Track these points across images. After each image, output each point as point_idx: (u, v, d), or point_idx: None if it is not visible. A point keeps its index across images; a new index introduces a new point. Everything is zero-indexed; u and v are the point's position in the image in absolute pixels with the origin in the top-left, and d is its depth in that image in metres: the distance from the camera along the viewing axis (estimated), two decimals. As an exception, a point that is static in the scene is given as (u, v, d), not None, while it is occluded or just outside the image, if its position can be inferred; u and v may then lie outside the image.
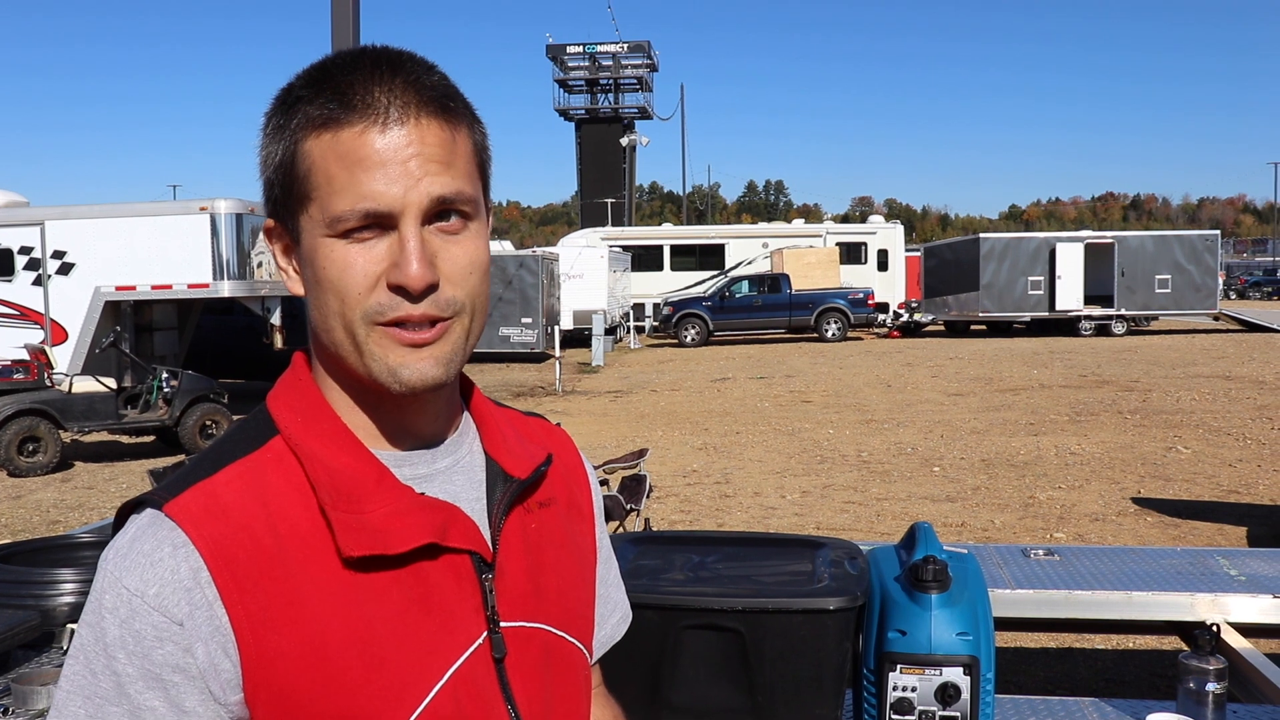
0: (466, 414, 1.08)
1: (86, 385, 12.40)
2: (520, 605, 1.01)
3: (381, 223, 0.91)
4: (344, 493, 0.93)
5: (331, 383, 0.99)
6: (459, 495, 1.01)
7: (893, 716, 1.91)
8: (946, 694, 1.88)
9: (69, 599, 2.59)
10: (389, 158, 0.90)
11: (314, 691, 0.89)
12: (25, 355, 12.97)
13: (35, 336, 14.73)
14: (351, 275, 0.91)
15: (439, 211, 0.92)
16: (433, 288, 0.91)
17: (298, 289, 0.98)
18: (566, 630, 1.06)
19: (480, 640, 0.97)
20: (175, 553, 0.88)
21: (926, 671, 1.89)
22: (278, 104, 0.95)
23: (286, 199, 0.95)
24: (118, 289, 14.71)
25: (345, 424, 0.98)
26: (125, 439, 13.64)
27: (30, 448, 11.73)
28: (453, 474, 1.02)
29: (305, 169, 0.92)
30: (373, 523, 0.92)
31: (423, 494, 0.97)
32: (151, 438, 13.29)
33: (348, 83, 0.91)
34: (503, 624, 0.99)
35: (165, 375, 12.70)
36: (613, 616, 1.23)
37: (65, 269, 14.90)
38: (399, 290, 0.91)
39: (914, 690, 1.90)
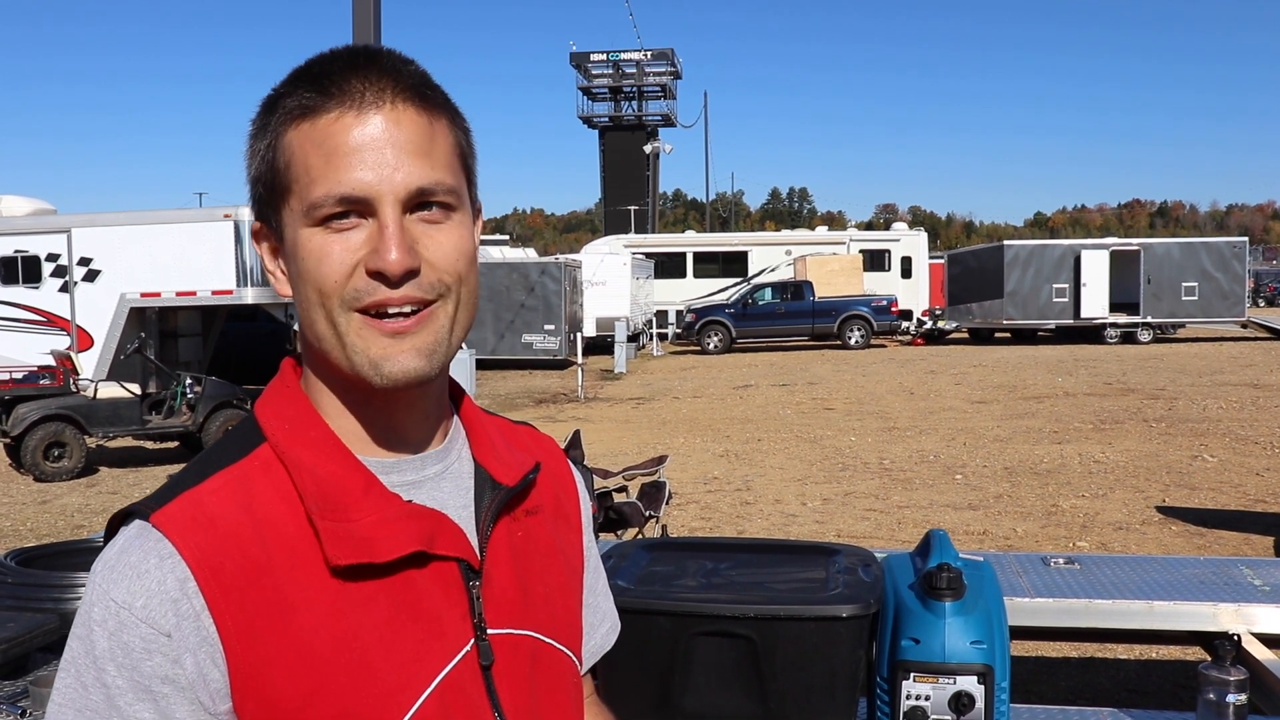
0: (456, 420, 1.07)
1: (111, 391, 12.50)
2: (507, 612, 1.00)
3: (360, 210, 0.90)
4: (331, 501, 0.92)
5: (320, 387, 0.99)
6: (446, 502, 1.00)
7: (906, 725, 1.90)
8: (960, 703, 1.87)
9: (87, 602, 2.60)
10: (365, 144, 0.90)
11: (302, 700, 0.88)
12: (51, 361, 13.08)
13: (61, 342, 14.87)
14: (329, 263, 0.91)
15: (420, 202, 0.92)
16: (412, 273, 0.91)
17: (286, 290, 0.97)
18: (554, 637, 1.06)
19: (468, 648, 0.97)
20: (162, 564, 0.88)
21: (940, 680, 1.88)
22: (262, 106, 0.96)
23: (270, 196, 0.95)
24: (143, 295, 14.83)
25: (333, 430, 0.97)
26: (150, 444, 13.73)
27: (56, 453, 11.83)
28: (441, 480, 1.01)
29: (285, 161, 0.92)
30: (360, 531, 0.92)
31: (410, 501, 0.96)
32: (175, 443, 13.38)
33: (325, 74, 0.92)
34: (490, 631, 0.98)
35: (189, 381, 12.77)
36: (602, 626, 1.22)
37: (91, 276, 15.03)
38: (377, 276, 0.90)
39: (928, 699, 1.88)
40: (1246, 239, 30.42)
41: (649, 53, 60.25)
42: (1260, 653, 2.82)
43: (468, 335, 1.00)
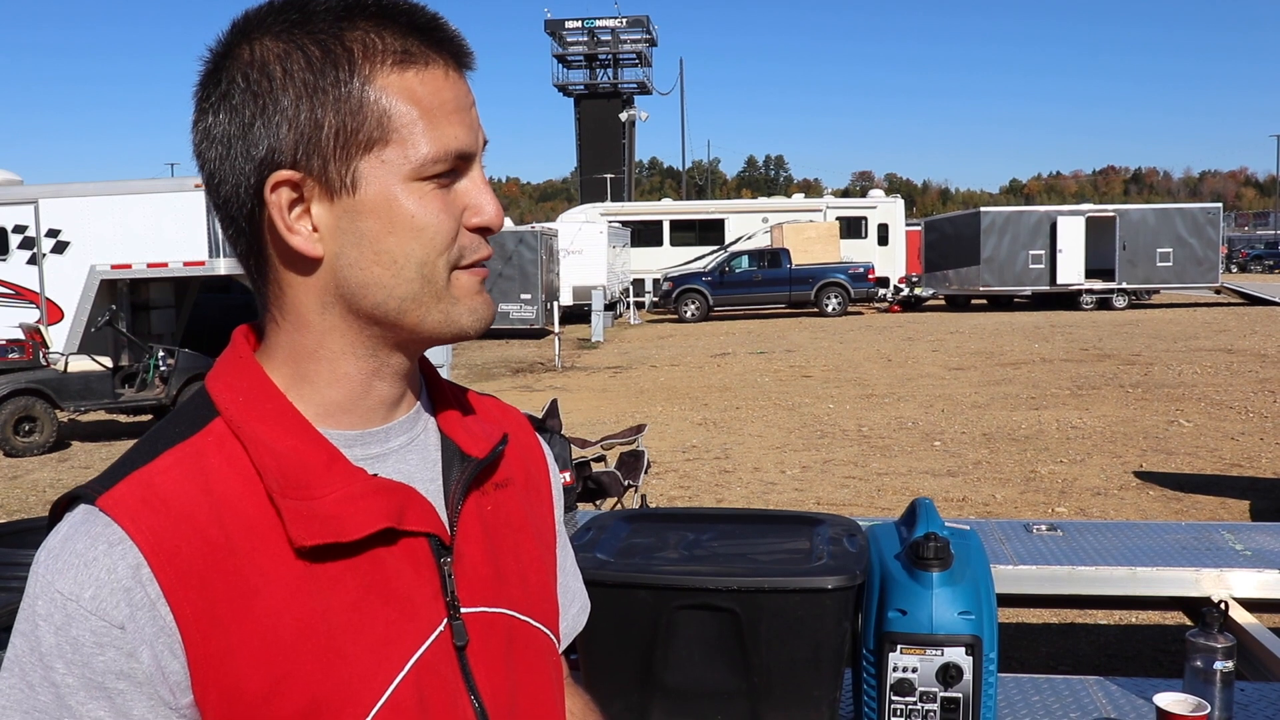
0: (424, 390, 1.02)
1: (83, 364, 12.35)
2: (481, 590, 0.96)
3: (459, 167, 0.90)
4: (292, 478, 0.87)
5: (282, 359, 0.92)
6: (413, 475, 0.95)
7: (893, 698, 1.86)
8: (948, 674, 1.83)
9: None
10: (464, 101, 0.90)
11: (268, 688, 0.83)
12: (20, 335, 12.91)
13: (30, 316, 14.63)
14: (446, 219, 0.89)
15: None
16: None
17: (316, 249, 0.88)
18: (530, 615, 1.01)
19: (441, 628, 0.92)
20: (111, 550, 0.81)
21: (928, 652, 1.84)
22: (318, 45, 0.86)
23: (345, 143, 0.86)
24: (113, 267, 14.59)
25: (291, 403, 0.91)
26: (122, 418, 13.60)
27: (26, 427, 11.69)
28: (407, 453, 0.96)
29: (384, 108, 0.86)
30: (324, 509, 0.86)
31: (376, 475, 0.91)
32: (149, 416, 13.22)
33: (420, 24, 0.89)
34: (463, 610, 0.93)
35: (162, 354, 12.64)
36: (572, 607, 1.17)
37: (60, 248, 14.78)
38: (481, 231, 0.93)
39: (915, 671, 1.85)
40: (1220, 205, 30.57)
41: (625, 20, 59.88)
42: (1243, 617, 2.82)
43: None
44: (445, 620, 0.92)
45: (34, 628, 0.81)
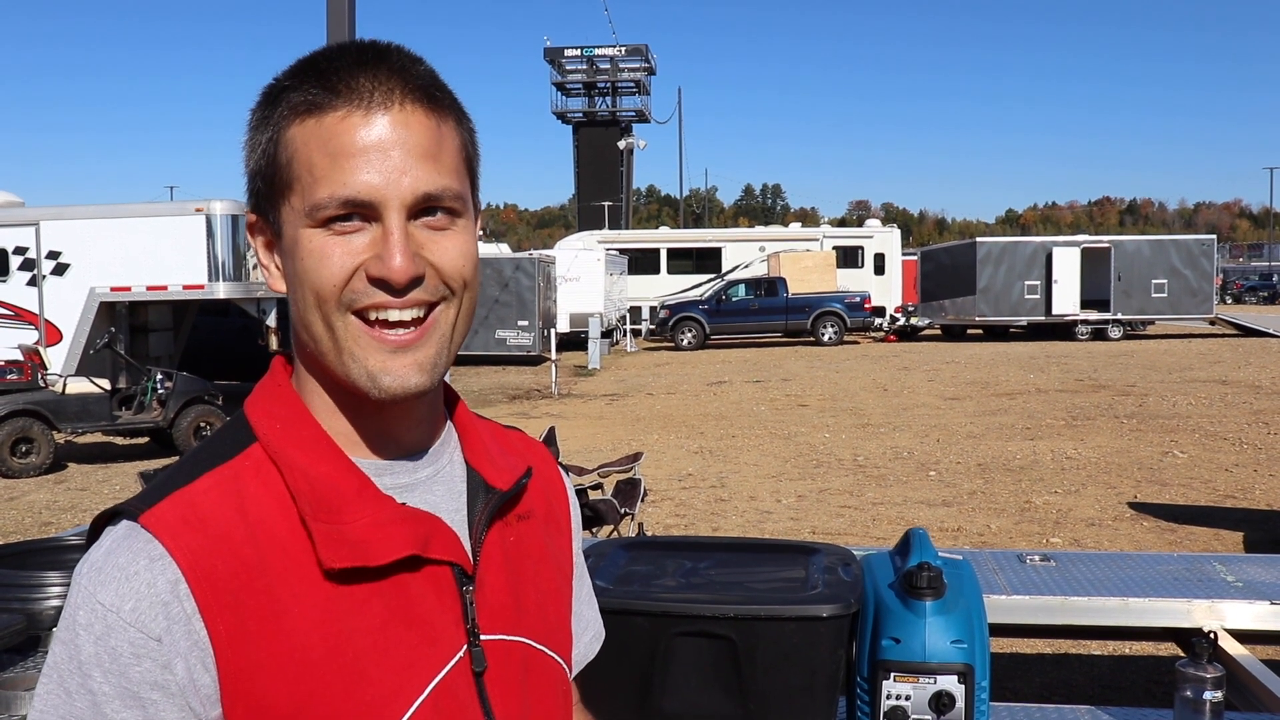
0: (449, 423, 1.05)
1: (81, 386, 12.36)
2: (500, 618, 0.99)
3: (364, 214, 0.89)
4: (324, 503, 0.91)
5: (312, 387, 0.97)
6: (439, 505, 0.98)
7: (887, 725, 1.89)
8: (941, 702, 1.86)
9: (55, 602, 2.56)
10: (371, 145, 0.88)
11: (293, 705, 0.86)
12: (19, 356, 12.92)
13: (29, 337, 14.65)
14: (329, 266, 0.89)
15: (425, 207, 0.90)
16: (416, 281, 0.89)
17: (280, 285, 0.95)
18: (546, 644, 1.04)
19: (460, 654, 0.95)
20: (152, 565, 0.85)
21: (921, 680, 1.87)
22: (263, 97, 0.93)
23: (269, 190, 0.92)
24: (113, 290, 14.63)
25: (325, 431, 0.95)
26: (119, 440, 13.60)
27: (23, 449, 11.69)
28: (433, 484, 1.00)
29: (287, 157, 0.90)
30: (354, 534, 0.90)
31: (404, 504, 0.95)
32: (146, 439, 13.26)
33: (332, 69, 0.90)
34: (483, 637, 0.97)
35: (160, 377, 12.66)
36: (585, 634, 1.20)
37: (60, 269, 14.82)
38: (379, 283, 0.89)
39: (908, 699, 1.88)
40: (1215, 236, 30.77)
41: (623, 48, 60.20)
42: (1235, 649, 2.84)
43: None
44: (465, 646, 0.95)
45: (74, 636, 0.85)
